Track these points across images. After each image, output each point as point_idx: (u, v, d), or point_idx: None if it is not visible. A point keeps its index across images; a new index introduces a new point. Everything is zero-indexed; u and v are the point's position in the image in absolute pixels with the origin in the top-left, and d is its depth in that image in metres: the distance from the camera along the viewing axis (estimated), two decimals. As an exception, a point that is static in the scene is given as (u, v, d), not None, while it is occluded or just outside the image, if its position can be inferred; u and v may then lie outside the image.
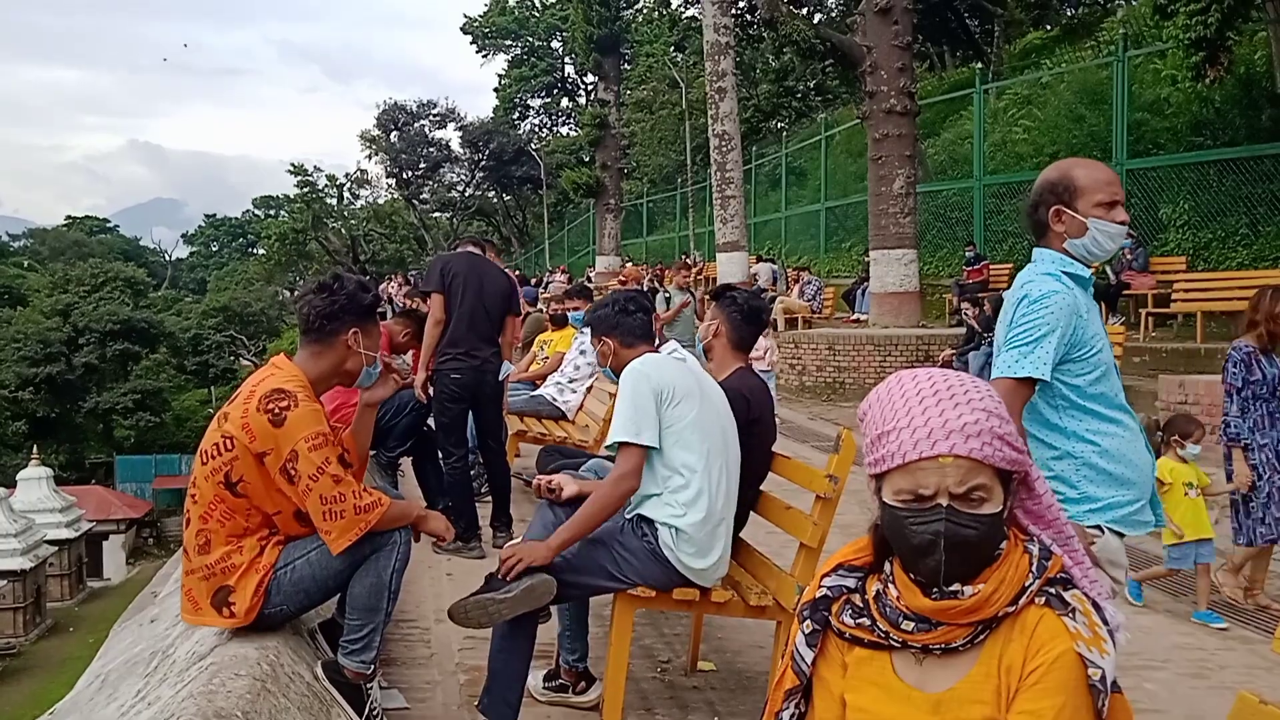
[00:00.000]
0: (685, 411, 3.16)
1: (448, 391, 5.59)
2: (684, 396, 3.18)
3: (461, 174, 57.10)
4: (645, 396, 3.12)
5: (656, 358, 3.37)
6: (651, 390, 3.13)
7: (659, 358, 3.38)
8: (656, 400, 3.13)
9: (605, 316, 3.59)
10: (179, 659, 3.00)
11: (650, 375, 3.18)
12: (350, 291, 3.01)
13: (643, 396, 3.12)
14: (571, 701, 3.66)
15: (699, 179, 31.94)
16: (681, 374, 3.29)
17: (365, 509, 2.77)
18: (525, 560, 2.99)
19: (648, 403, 3.11)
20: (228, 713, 2.30)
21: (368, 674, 2.90)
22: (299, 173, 56.77)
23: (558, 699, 3.67)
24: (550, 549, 3.03)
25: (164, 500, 47.77)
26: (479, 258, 5.92)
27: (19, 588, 32.81)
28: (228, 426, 2.74)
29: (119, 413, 50.58)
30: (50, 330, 51.88)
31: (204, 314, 64.44)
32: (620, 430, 3.09)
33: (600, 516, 3.09)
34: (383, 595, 2.84)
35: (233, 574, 2.74)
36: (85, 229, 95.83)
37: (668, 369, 3.27)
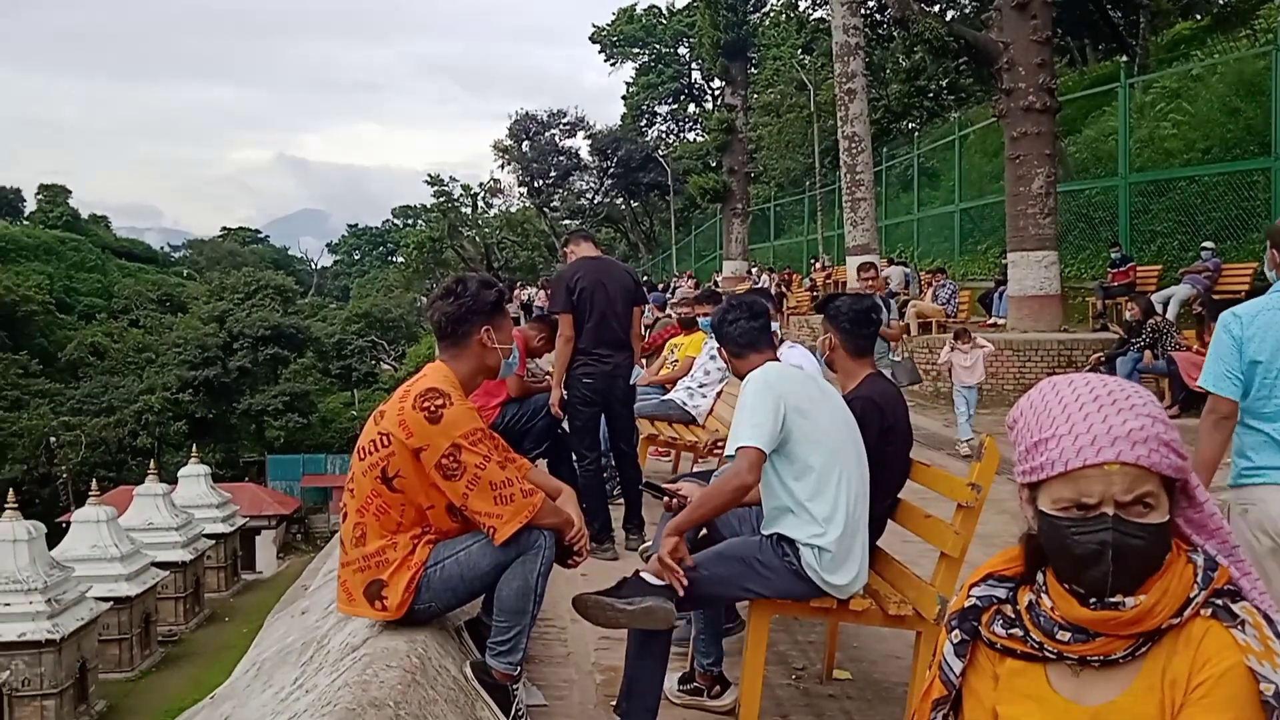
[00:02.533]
0: (812, 422, 3.13)
1: (580, 395, 5.69)
2: (809, 406, 3.15)
3: (590, 181, 57.88)
4: (765, 405, 3.09)
5: (779, 366, 3.34)
6: (772, 399, 3.10)
7: (781, 367, 3.36)
8: (777, 410, 3.09)
9: (715, 325, 3.64)
10: (333, 649, 3.14)
11: (772, 384, 3.16)
12: (474, 292, 3.12)
13: (762, 405, 3.09)
14: (707, 705, 3.67)
15: (828, 182, 31.54)
16: (803, 383, 3.26)
17: (529, 494, 2.90)
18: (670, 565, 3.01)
19: (766, 411, 3.08)
20: (381, 702, 2.41)
21: (514, 675, 2.98)
22: (435, 183, 58.61)
23: (693, 703, 3.69)
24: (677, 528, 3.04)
25: (311, 498, 49.98)
26: (599, 261, 5.96)
27: (180, 579, 34.82)
28: (385, 424, 2.87)
29: (270, 414, 53.14)
30: (208, 336, 54.96)
31: (347, 320, 67.13)
32: (738, 436, 3.07)
33: (716, 503, 3.07)
34: (529, 598, 2.91)
35: (386, 569, 2.86)
36: (239, 239, 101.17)
37: (789, 378, 3.24)
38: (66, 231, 78.34)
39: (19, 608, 26.01)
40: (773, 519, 3.18)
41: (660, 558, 3.02)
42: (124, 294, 71.27)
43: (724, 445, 6.70)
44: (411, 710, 2.43)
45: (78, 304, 69.50)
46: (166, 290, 74.53)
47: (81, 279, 73.19)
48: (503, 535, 2.85)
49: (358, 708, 2.35)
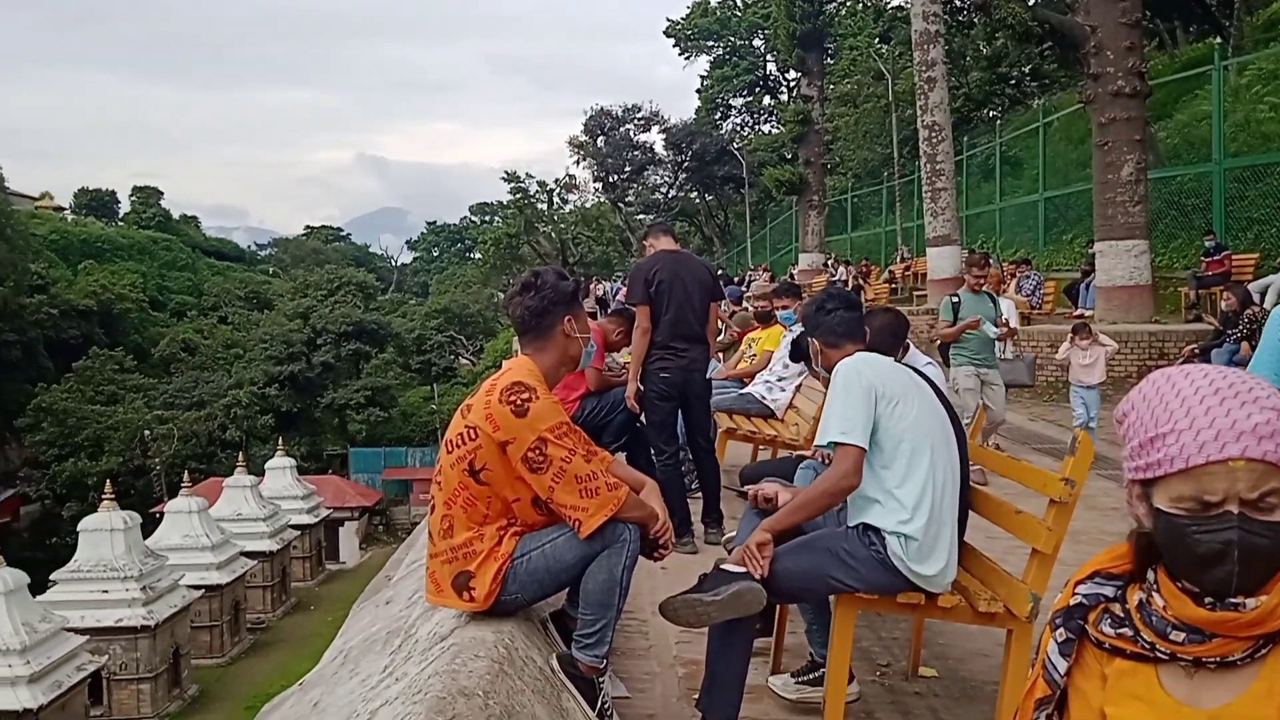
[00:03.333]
0: (903, 411, 3.09)
1: (657, 390, 5.69)
2: (900, 396, 3.11)
3: (665, 176, 57.88)
4: (856, 395, 3.06)
5: (867, 355, 3.31)
6: (863, 389, 3.07)
7: (871, 355, 3.32)
8: (868, 399, 3.06)
9: (808, 316, 3.59)
10: (421, 638, 3.19)
11: (862, 373, 3.13)
12: (553, 283, 3.15)
13: (854, 395, 3.06)
14: None
15: (906, 172, 31.05)
16: (893, 370, 3.22)
17: (614, 486, 2.92)
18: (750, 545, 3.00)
19: (859, 401, 3.05)
20: (470, 691, 2.44)
21: (600, 668, 2.99)
22: (512, 180, 59.14)
23: (813, 694, 3.64)
24: (769, 528, 3.05)
25: (392, 490, 50.97)
26: (677, 255, 5.95)
27: (268, 568, 35.81)
28: (472, 417, 2.91)
29: (352, 408, 54.34)
30: (293, 331, 56.40)
31: (426, 316, 68.27)
32: (833, 429, 3.04)
33: (818, 505, 3.09)
34: (615, 591, 2.92)
35: (473, 560, 2.90)
36: (321, 238, 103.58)
37: (880, 366, 3.20)
38: (159, 232, 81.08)
39: (116, 594, 27.03)
40: (859, 508, 3.14)
41: (747, 546, 3.02)
42: (213, 292, 73.55)
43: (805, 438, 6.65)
44: (500, 700, 2.46)
45: (170, 302, 71.89)
46: (253, 288, 76.70)
47: (173, 277, 75.68)
48: (588, 528, 2.87)
49: (448, 696, 2.39)
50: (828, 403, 3.15)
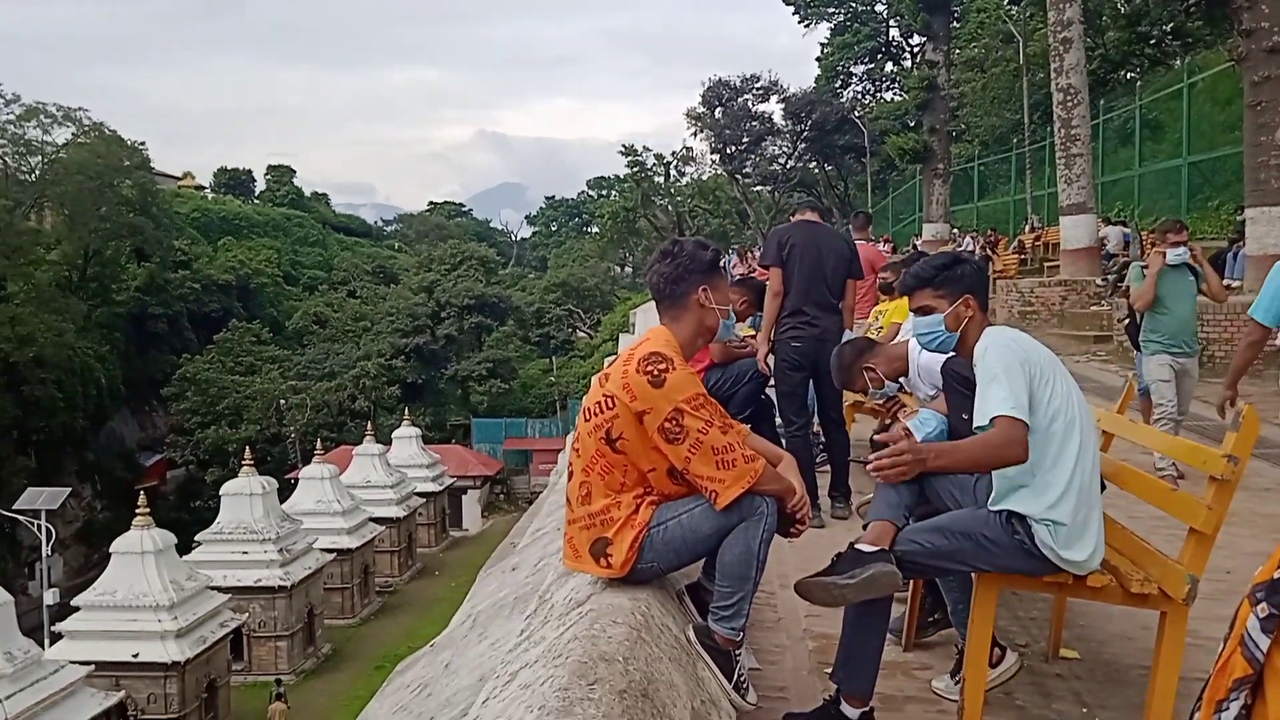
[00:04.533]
0: (1053, 388, 2.96)
1: (789, 359, 5.62)
2: (1051, 373, 2.98)
3: (783, 146, 57.02)
4: (1015, 368, 2.91)
5: (1013, 330, 3.16)
6: (1020, 362, 2.93)
7: (1015, 330, 3.18)
8: (1025, 374, 2.92)
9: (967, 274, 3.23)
10: (557, 603, 3.24)
11: (1018, 343, 2.99)
12: (691, 251, 3.11)
13: (1013, 368, 2.91)
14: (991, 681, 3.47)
15: (1037, 138, 29.88)
16: (1039, 346, 3.08)
17: (751, 459, 2.88)
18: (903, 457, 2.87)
19: (1019, 375, 2.90)
20: (610, 656, 2.46)
21: (737, 640, 2.98)
22: (629, 153, 59.24)
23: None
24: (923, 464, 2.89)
25: (513, 460, 52.09)
26: (817, 225, 5.89)
27: (395, 533, 37.12)
28: (609, 386, 2.92)
29: (474, 379, 55.64)
30: (417, 305, 58.01)
31: (545, 289, 69.27)
32: (995, 403, 2.87)
33: (976, 459, 2.90)
34: (752, 564, 2.90)
35: (611, 526, 2.92)
36: (444, 213, 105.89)
37: (1027, 341, 3.07)
38: (292, 209, 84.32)
39: (255, 555, 28.43)
40: (1003, 493, 3.01)
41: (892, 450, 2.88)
42: (342, 267, 76.16)
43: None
44: (639, 666, 2.48)
45: (302, 276, 74.77)
46: (380, 263, 79.11)
47: (305, 253, 78.65)
48: (724, 500, 2.85)
49: (589, 661, 2.41)
50: (981, 376, 2.98)
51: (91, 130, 50.36)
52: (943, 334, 3.18)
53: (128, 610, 23.17)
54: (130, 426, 54.26)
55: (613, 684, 2.33)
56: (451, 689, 5.18)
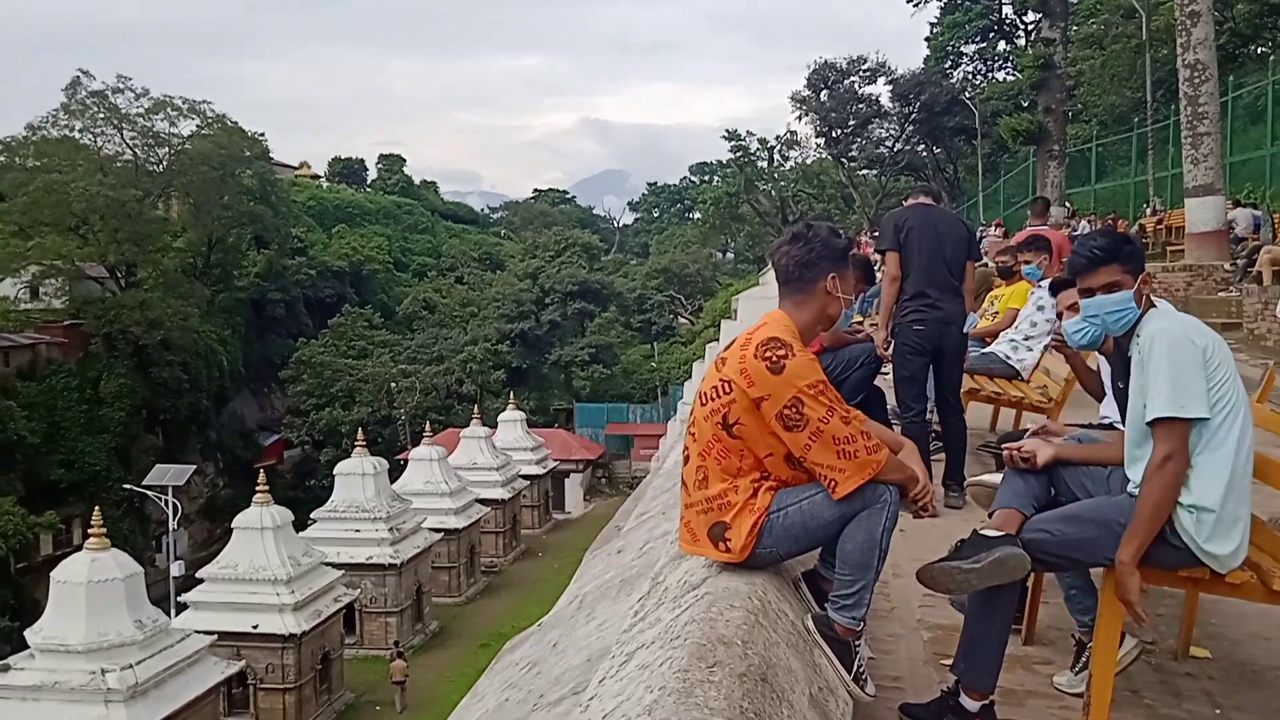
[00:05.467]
0: (1221, 373, 2.80)
1: (910, 344, 5.50)
2: (1219, 357, 2.82)
3: (891, 129, 55.87)
4: (1191, 361, 2.76)
5: (1185, 315, 2.98)
6: (1196, 352, 2.78)
7: (1185, 315, 2.99)
8: (1202, 364, 2.76)
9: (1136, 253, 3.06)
10: (671, 586, 3.25)
11: (1195, 334, 2.83)
12: (824, 238, 3.06)
13: (1188, 361, 2.76)
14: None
15: (1160, 117, 28.61)
16: (1208, 330, 2.91)
17: (874, 449, 2.82)
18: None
19: (1195, 368, 2.75)
20: (729, 640, 2.46)
21: (857, 630, 2.93)
22: (733, 138, 58.87)
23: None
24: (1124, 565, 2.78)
25: (614, 445, 52.54)
26: (932, 208, 5.77)
27: (500, 515, 37.85)
28: (726, 371, 2.89)
29: (577, 365, 56.27)
30: (523, 291, 58.93)
31: (647, 276, 69.50)
32: (1162, 404, 2.74)
33: (1161, 508, 2.78)
34: (874, 553, 2.85)
35: (729, 511, 2.91)
36: (548, 200, 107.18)
37: (1200, 327, 2.90)
38: (402, 197, 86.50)
39: (367, 534, 29.33)
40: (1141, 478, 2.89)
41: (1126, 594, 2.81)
42: (450, 253, 77.83)
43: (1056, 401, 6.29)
44: (757, 650, 2.47)
45: (412, 263, 76.68)
46: (486, 249, 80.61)
47: (415, 240, 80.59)
48: (844, 490, 2.80)
49: (708, 643, 2.42)
50: (1156, 369, 2.81)
51: (215, 122, 52.45)
52: (1134, 312, 2.97)
53: (248, 583, 24.19)
54: (250, 407, 56.60)
55: (732, 667, 2.33)
56: (560, 668, 5.26)
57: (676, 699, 2.17)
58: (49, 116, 48.06)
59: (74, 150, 47.19)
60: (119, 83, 49.51)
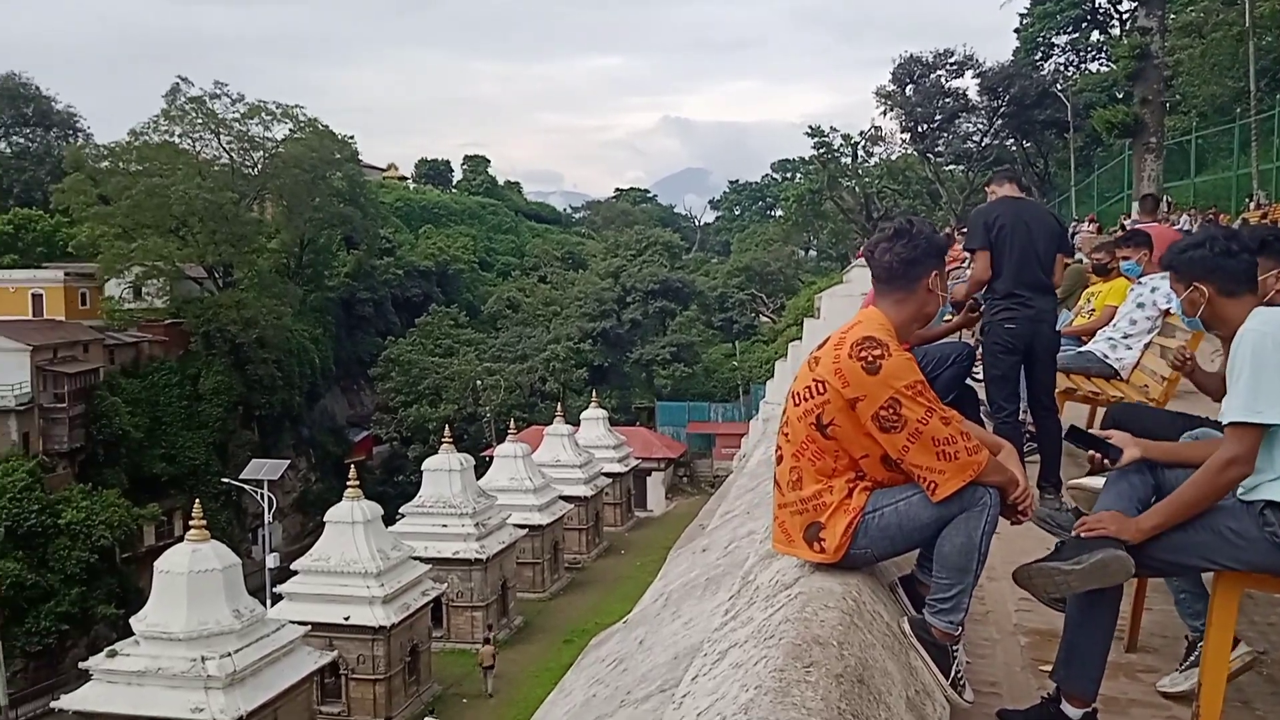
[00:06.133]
0: None
1: (1001, 343, 5.39)
2: None
3: (978, 123, 54.74)
4: (1274, 364, 2.67)
5: (1274, 312, 2.88)
6: (1274, 347, 2.68)
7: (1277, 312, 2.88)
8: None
9: (1201, 259, 2.98)
10: (762, 585, 3.24)
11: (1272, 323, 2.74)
12: (927, 234, 3.01)
13: (1271, 363, 2.67)
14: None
15: (1264, 107, 27.48)
16: None
17: (974, 450, 2.76)
18: (1109, 531, 2.78)
19: (1275, 372, 2.66)
20: (824, 640, 2.45)
21: (955, 635, 2.88)
22: (815, 134, 58.27)
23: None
24: (1140, 531, 2.77)
25: (695, 444, 52.49)
26: (1022, 202, 5.61)
27: (583, 512, 38.15)
28: (819, 371, 2.86)
29: (658, 363, 56.37)
30: (604, 290, 59.27)
31: (728, 274, 69.24)
32: (1236, 408, 2.67)
33: (1201, 504, 2.74)
34: (973, 556, 2.79)
35: (823, 511, 2.87)
36: (630, 199, 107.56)
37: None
38: (486, 197, 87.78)
39: (454, 529, 29.85)
40: (1258, 480, 2.77)
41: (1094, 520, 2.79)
42: (534, 253, 78.76)
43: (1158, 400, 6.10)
44: (853, 651, 2.45)
45: (496, 262, 77.77)
46: (569, 249, 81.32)
47: (499, 240, 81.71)
48: (943, 492, 2.75)
49: (803, 643, 2.41)
50: (1232, 372, 2.76)
51: (307, 126, 53.91)
52: None
53: (340, 576, 24.84)
54: (340, 404, 58.06)
55: (829, 667, 2.32)
56: (647, 665, 5.28)
57: (773, 698, 2.16)
58: (150, 122, 50.04)
59: (174, 155, 48.97)
60: (216, 89, 51.34)
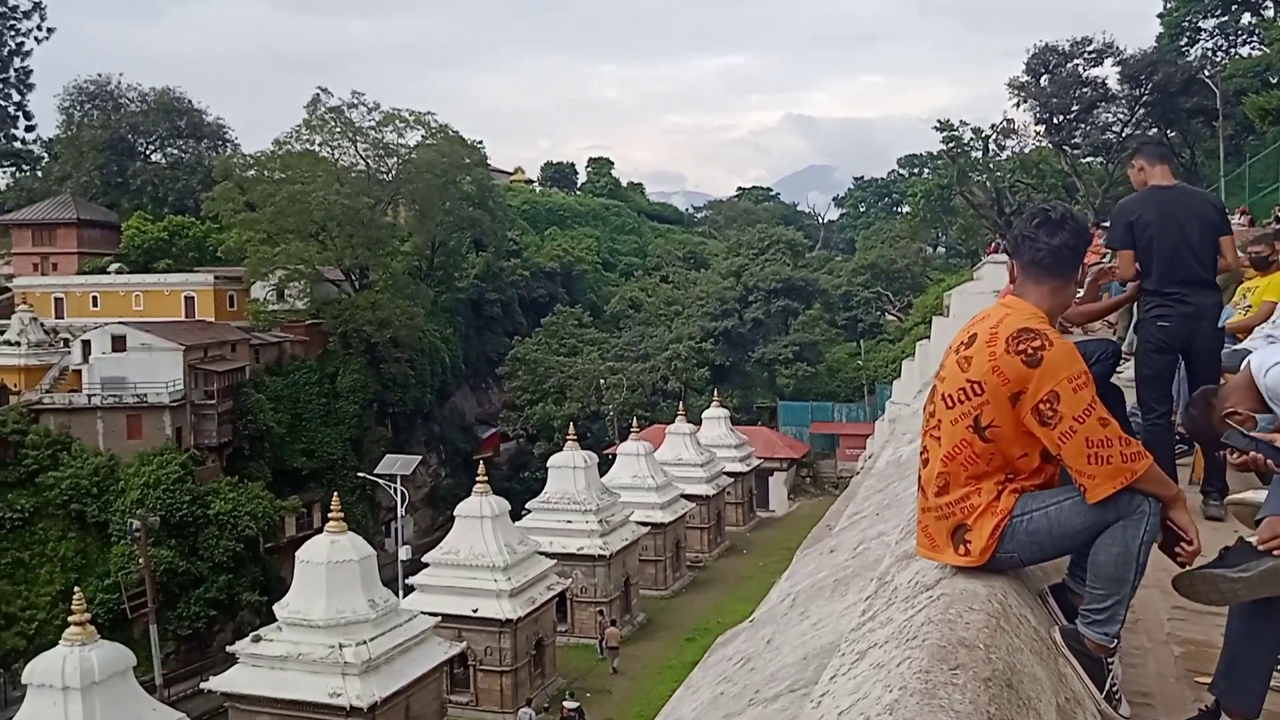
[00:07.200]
0: None
1: (1154, 341, 5.14)
2: None
3: (1119, 113, 52.45)
4: None
5: None
6: None
7: None
8: None
9: None
10: (901, 586, 3.19)
11: None
12: (1081, 224, 2.93)
13: None
14: None
15: None
16: None
17: (1132, 458, 2.63)
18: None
19: None
20: (970, 643, 2.39)
21: (1110, 647, 2.77)
22: (945, 128, 56.83)
23: None
24: None
25: (819, 444, 51.87)
26: (1171, 190, 5.27)
27: (705, 510, 38.15)
28: (973, 372, 2.75)
29: (780, 362, 55.93)
30: (726, 289, 59.15)
31: (853, 272, 68.17)
32: None
33: None
34: (1130, 567, 2.67)
35: (970, 514, 2.78)
36: (752, 198, 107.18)
37: None
38: (610, 199, 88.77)
39: (578, 525, 30.27)
40: None
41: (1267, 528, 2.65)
42: (656, 253, 79.25)
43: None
44: (1000, 655, 2.39)
45: (619, 263, 78.58)
46: (690, 248, 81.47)
47: (622, 240, 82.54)
48: (1095, 495, 2.63)
49: (948, 645, 2.36)
50: None
51: (438, 132, 55.52)
52: None
53: (468, 569, 25.48)
54: (469, 402, 59.62)
55: (976, 671, 2.26)
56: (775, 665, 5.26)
57: (919, 699, 2.13)
58: (293, 132, 52.42)
59: (314, 163, 51.14)
60: (353, 98, 53.42)
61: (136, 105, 60.33)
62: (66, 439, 37.12)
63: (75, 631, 17.25)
